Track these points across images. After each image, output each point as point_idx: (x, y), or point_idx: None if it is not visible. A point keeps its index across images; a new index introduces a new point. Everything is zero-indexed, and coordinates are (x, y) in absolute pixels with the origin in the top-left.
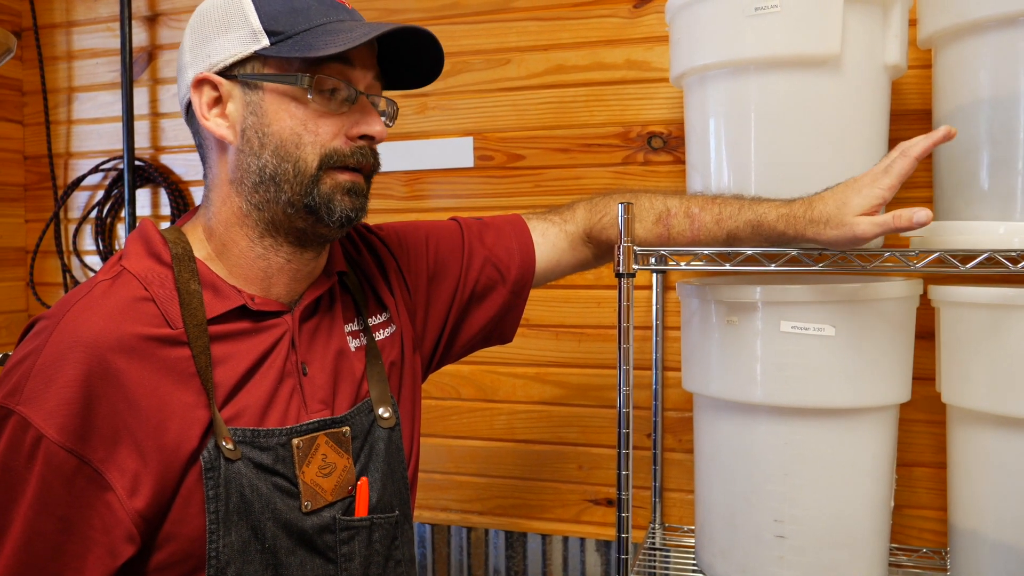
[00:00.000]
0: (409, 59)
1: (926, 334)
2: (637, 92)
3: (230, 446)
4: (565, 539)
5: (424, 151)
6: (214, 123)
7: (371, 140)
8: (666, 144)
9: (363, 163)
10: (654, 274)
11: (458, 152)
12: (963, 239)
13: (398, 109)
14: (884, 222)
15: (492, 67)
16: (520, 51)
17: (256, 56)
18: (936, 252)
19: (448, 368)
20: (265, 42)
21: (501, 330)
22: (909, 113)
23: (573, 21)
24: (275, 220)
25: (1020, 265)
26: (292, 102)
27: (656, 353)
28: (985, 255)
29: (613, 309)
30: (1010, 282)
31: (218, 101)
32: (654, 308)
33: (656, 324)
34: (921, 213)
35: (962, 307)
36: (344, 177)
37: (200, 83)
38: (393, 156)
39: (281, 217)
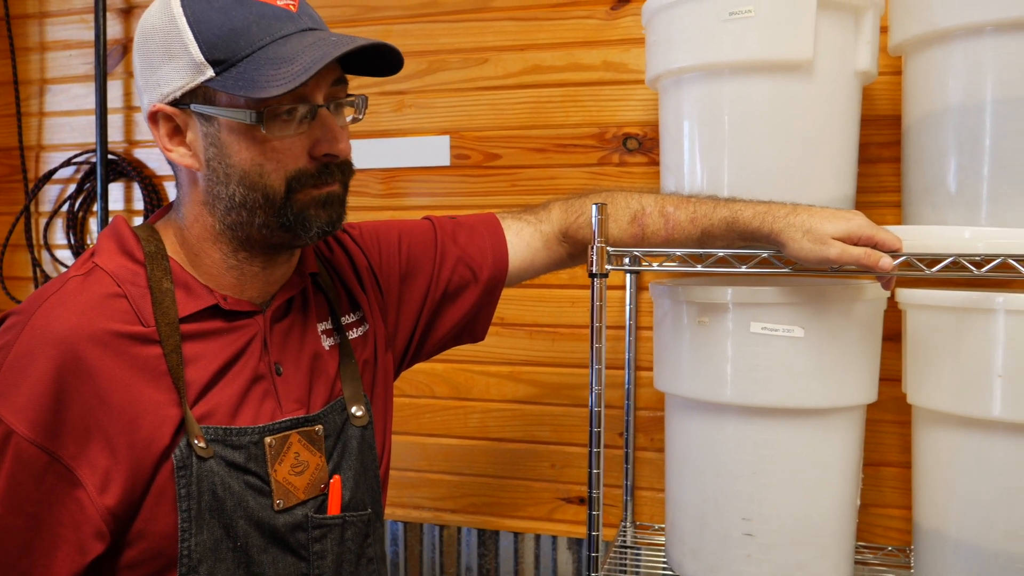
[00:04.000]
0: (371, 54)
1: (893, 336)
2: (613, 93)
3: (202, 444)
4: (537, 537)
5: (401, 149)
6: (177, 154)
7: (335, 157)
8: (641, 146)
9: (331, 180)
10: (628, 274)
11: (435, 151)
12: (930, 243)
13: (367, 100)
14: (856, 255)
15: (469, 66)
16: (497, 51)
17: (204, 86)
18: (903, 255)
19: (422, 366)
20: (210, 73)
21: (473, 329)
22: (880, 118)
23: (551, 22)
24: (250, 238)
25: (984, 269)
26: (247, 134)
27: (629, 353)
28: (950, 259)
29: (587, 309)
30: (974, 286)
31: (177, 130)
32: (627, 308)
33: (629, 324)
34: (887, 261)
35: (928, 310)
36: (316, 192)
37: (155, 115)
38: (369, 154)
39: (256, 236)
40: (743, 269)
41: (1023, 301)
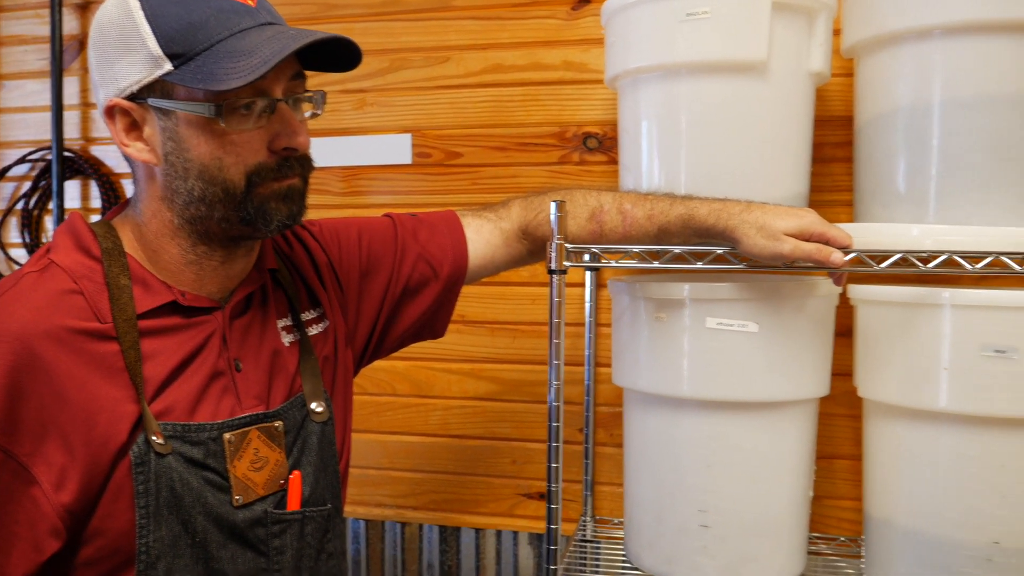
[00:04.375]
0: (330, 49)
1: (845, 331)
2: (574, 93)
3: (160, 441)
4: (498, 533)
5: (362, 147)
6: (134, 149)
7: (294, 151)
8: (601, 145)
9: (291, 174)
10: (587, 272)
11: (396, 149)
12: (879, 240)
13: (325, 95)
14: (808, 251)
15: (431, 65)
16: (459, 49)
17: (162, 80)
18: (854, 252)
19: (383, 364)
20: (168, 66)
21: (433, 325)
22: (832, 119)
23: (512, 21)
24: (209, 232)
25: (931, 265)
26: (206, 128)
27: (589, 349)
28: (899, 256)
29: (547, 306)
30: (922, 281)
31: (135, 125)
32: (587, 305)
33: (589, 321)
34: (838, 255)
35: (877, 305)
36: (277, 185)
37: (111, 110)
38: (331, 152)
39: (216, 229)
40: (699, 265)
41: (968, 296)
